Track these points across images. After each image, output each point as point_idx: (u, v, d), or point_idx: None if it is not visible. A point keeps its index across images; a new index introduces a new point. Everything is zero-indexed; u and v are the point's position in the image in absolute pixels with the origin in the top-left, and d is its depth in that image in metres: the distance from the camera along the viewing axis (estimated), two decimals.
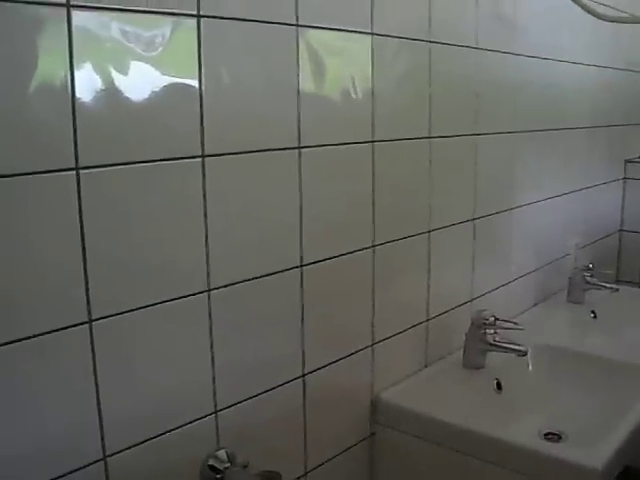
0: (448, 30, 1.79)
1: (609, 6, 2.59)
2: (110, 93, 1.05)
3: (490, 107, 2.02)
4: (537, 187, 2.34)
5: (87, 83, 1.01)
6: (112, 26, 1.04)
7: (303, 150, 1.38)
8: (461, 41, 1.86)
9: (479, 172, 1.98)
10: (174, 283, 1.19)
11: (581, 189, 2.69)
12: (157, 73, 1.11)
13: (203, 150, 1.19)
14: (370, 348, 1.66)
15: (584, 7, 2.09)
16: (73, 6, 0.99)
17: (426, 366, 1.88)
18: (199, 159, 1.19)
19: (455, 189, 1.91)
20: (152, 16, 1.09)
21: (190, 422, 1.26)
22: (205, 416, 1.28)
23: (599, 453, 1.45)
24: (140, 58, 1.08)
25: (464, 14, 1.86)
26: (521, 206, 2.24)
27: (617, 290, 2.42)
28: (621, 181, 3.10)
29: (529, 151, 2.26)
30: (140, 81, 1.09)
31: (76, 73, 1.00)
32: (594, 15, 2.12)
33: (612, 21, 2.23)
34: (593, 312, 2.41)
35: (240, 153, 1.26)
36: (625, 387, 1.80)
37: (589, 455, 1.44)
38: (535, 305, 2.42)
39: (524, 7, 2.12)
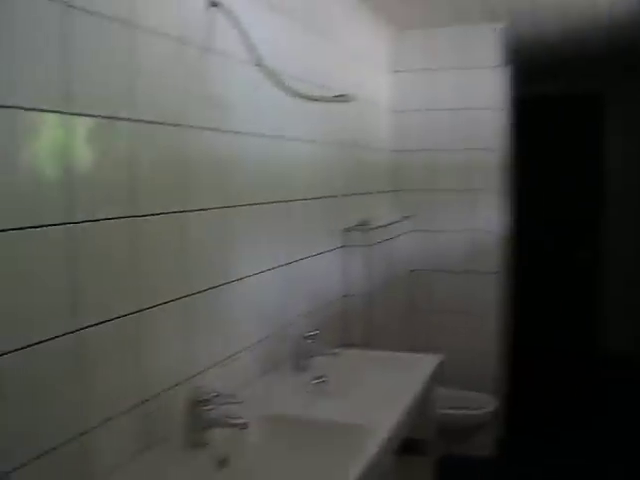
0: (154, 108, 1.81)
1: (318, 84, 2.76)
2: None
3: (202, 183, 2.04)
4: (256, 259, 2.39)
5: None
6: None
7: None
8: (169, 119, 1.88)
9: (192, 248, 1.99)
10: None
11: (303, 258, 2.78)
12: None
13: None
14: (79, 438, 1.57)
15: (281, 86, 2.19)
16: None
17: (147, 449, 1.81)
18: None
19: (166, 266, 1.88)
20: None
21: None
22: None
23: None
24: None
25: (171, 92, 1.89)
26: (242, 278, 2.27)
27: (337, 354, 2.52)
28: (341, 249, 3.25)
29: (247, 224, 2.32)
30: None
31: None
32: (292, 94, 2.23)
33: (306, 99, 2.37)
34: (319, 377, 2.46)
35: None
36: (348, 447, 1.87)
37: None
38: (262, 375, 2.44)
39: (232, 88, 2.21)
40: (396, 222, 4.01)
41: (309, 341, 2.54)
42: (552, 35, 4.49)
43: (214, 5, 2.09)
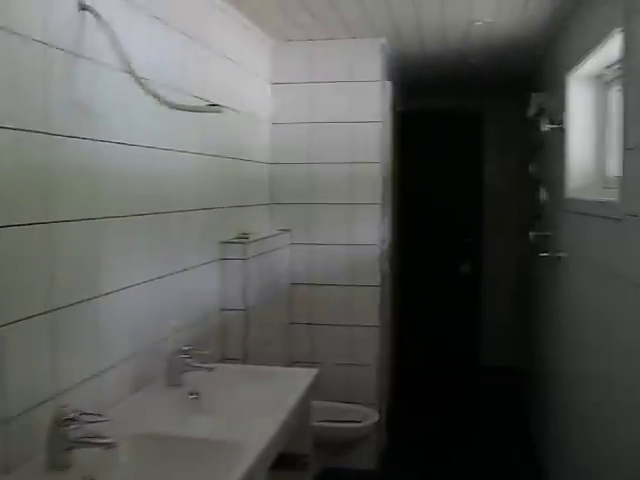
0: (15, 113, 1.73)
1: (192, 93, 2.71)
2: None
3: (68, 193, 1.97)
4: (128, 272, 2.32)
5: None
6: None
7: None
8: (31, 126, 1.80)
9: (58, 260, 1.90)
10: None
11: (177, 271, 2.72)
12: None
13: None
14: None
15: (152, 94, 2.15)
16: None
17: (6, 473, 1.70)
18: None
19: (30, 280, 1.80)
20: None
21: None
22: None
23: None
24: None
25: (34, 98, 1.81)
26: (112, 292, 2.20)
27: (212, 369, 2.47)
28: (218, 262, 3.20)
29: (119, 236, 2.25)
30: None
31: None
32: (164, 103, 2.18)
33: (177, 108, 2.32)
34: (193, 393, 2.40)
35: None
36: (221, 464, 1.83)
37: None
38: (135, 392, 2.36)
39: (102, 96, 2.14)
40: (275, 235, 4.00)
41: (184, 356, 2.47)
42: (437, 55, 4.61)
43: (84, 9, 2.02)
